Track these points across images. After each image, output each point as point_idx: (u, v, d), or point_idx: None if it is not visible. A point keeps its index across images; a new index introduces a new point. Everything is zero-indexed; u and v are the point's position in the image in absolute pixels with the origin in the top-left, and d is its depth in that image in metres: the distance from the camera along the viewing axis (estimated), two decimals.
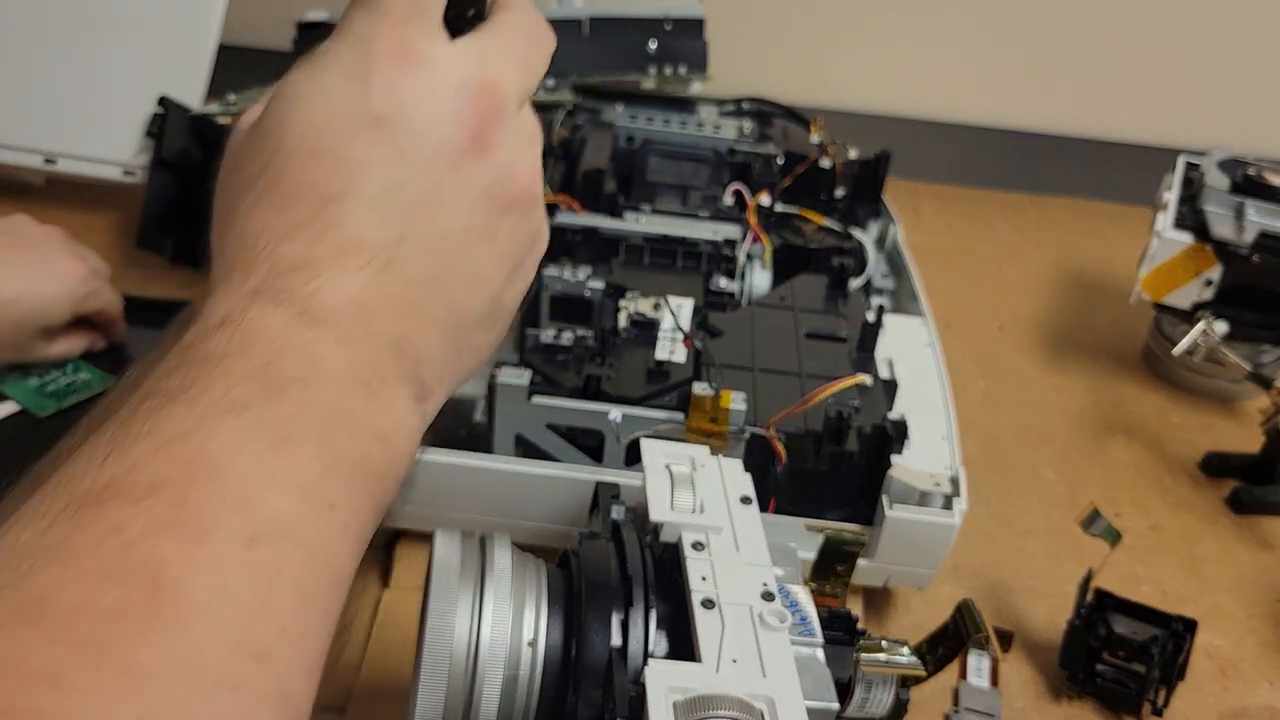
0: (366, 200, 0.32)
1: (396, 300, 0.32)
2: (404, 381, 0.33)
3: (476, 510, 0.56)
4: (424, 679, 0.36)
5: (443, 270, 0.33)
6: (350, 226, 0.32)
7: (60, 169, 0.80)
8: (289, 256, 0.32)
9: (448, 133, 0.33)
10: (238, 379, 0.29)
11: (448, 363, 0.35)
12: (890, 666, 0.41)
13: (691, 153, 0.78)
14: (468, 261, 0.34)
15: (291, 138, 0.33)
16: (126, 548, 0.25)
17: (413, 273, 0.33)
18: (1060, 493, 0.70)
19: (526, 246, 0.36)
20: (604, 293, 0.63)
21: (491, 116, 0.34)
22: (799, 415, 0.56)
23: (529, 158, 0.35)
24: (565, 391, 0.58)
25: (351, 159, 0.32)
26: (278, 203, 0.32)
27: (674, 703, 0.32)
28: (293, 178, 0.33)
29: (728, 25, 0.91)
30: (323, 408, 0.30)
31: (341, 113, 0.33)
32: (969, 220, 1.00)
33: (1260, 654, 0.60)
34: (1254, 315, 0.73)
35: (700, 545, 0.39)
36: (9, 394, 0.65)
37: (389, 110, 0.33)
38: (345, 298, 0.31)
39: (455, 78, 0.33)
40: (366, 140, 0.32)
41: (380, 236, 0.32)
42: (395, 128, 0.33)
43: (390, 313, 0.32)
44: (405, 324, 0.33)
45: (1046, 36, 1.18)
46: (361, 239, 0.32)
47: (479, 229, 0.34)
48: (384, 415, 0.32)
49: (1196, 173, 0.78)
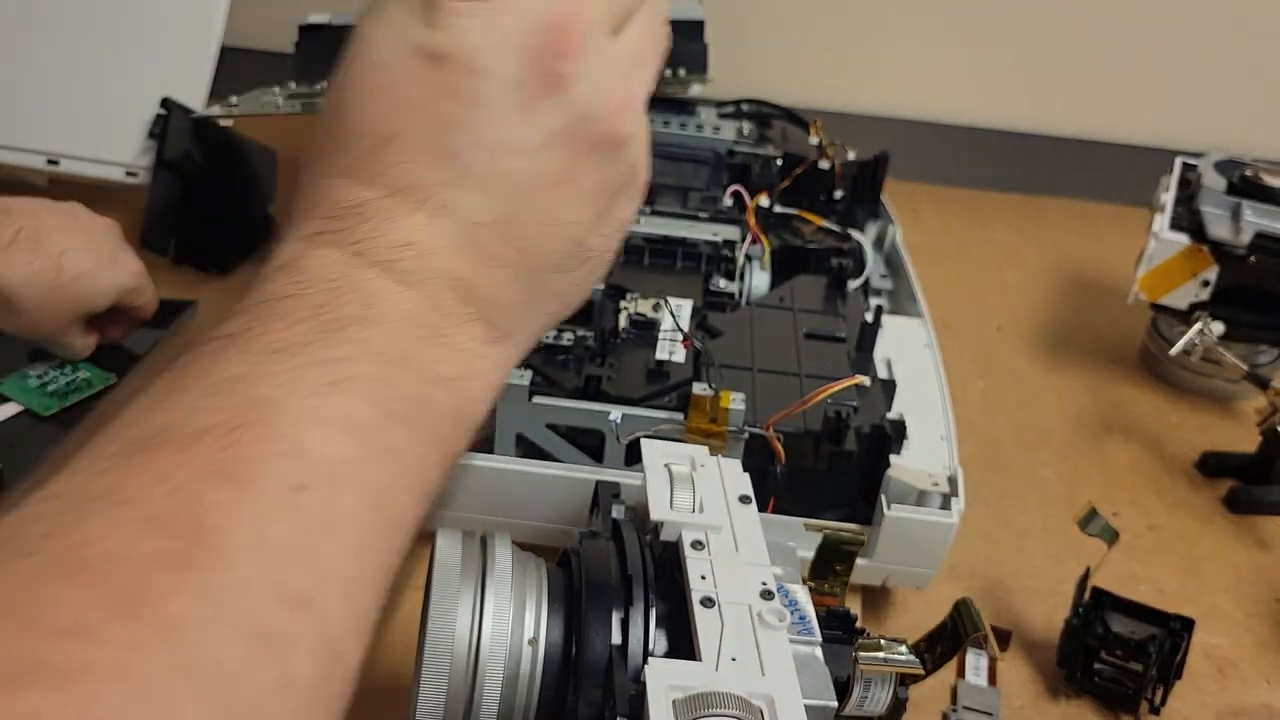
0: (420, 140, 0.31)
1: (458, 241, 0.31)
2: (470, 322, 0.32)
3: (477, 510, 0.56)
4: (425, 677, 0.37)
5: (512, 212, 0.32)
6: (405, 166, 0.31)
7: (63, 170, 0.80)
8: (345, 197, 0.31)
9: (513, 70, 0.31)
10: (293, 321, 0.29)
11: (525, 306, 0.33)
12: (889, 665, 0.41)
13: (691, 154, 0.78)
14: (541, 203, 0.32)
15: (354, 74, 0.32)
16: (171, 495, 0.25)
17: (475, 214, 0.32)
18: (1058, 492, 0.70)
19: (618, 187, 0.34)
20: (604, 293, 0.63)
21: (567, 50, 0.32)
22: (798, 415, 0.56)
23: (618, 90, 0.33)
24: (565, 391, 0.58)
25: (407, 97, 0.31)
26: (337, 142, 0.32)
27: (674, 701, 0.32)
28: (352, 116, 0.32)
29: (727, 27, 0.91)
30: (380, 348, 0.29)
31: (400, 48, 0.32)
32: (967, 221, 1.01)
33: (1258, 653, 0.60)
34: (1251, 316, 0.74)
35: (700, 544, 0.39)
36: (10, 395, 0.65)
37: (448, 46, 0.31)
38: (402, 238, 0.31)
39: (526, 10, 0.31)
40: (422, 78, 0.31)
41: (436, 177, 0.31)
42: (454, 65, 0.31)
43: (452, 253, 0.31)
44: (470, 265, 0.32)
45: (1045, 38, 1.18)
46: (417, 179, 0.31)
47: (554, 170, 0.32)
48: (449, 358, 0.31)
49: (1193, 174, 0.78)
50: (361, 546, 0.27)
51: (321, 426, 0.27)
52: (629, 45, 0.34)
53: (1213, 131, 1.04)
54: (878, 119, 1.16)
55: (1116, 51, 1.18)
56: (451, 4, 0.31)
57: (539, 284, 0.34)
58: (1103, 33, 1.18)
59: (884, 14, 1.17)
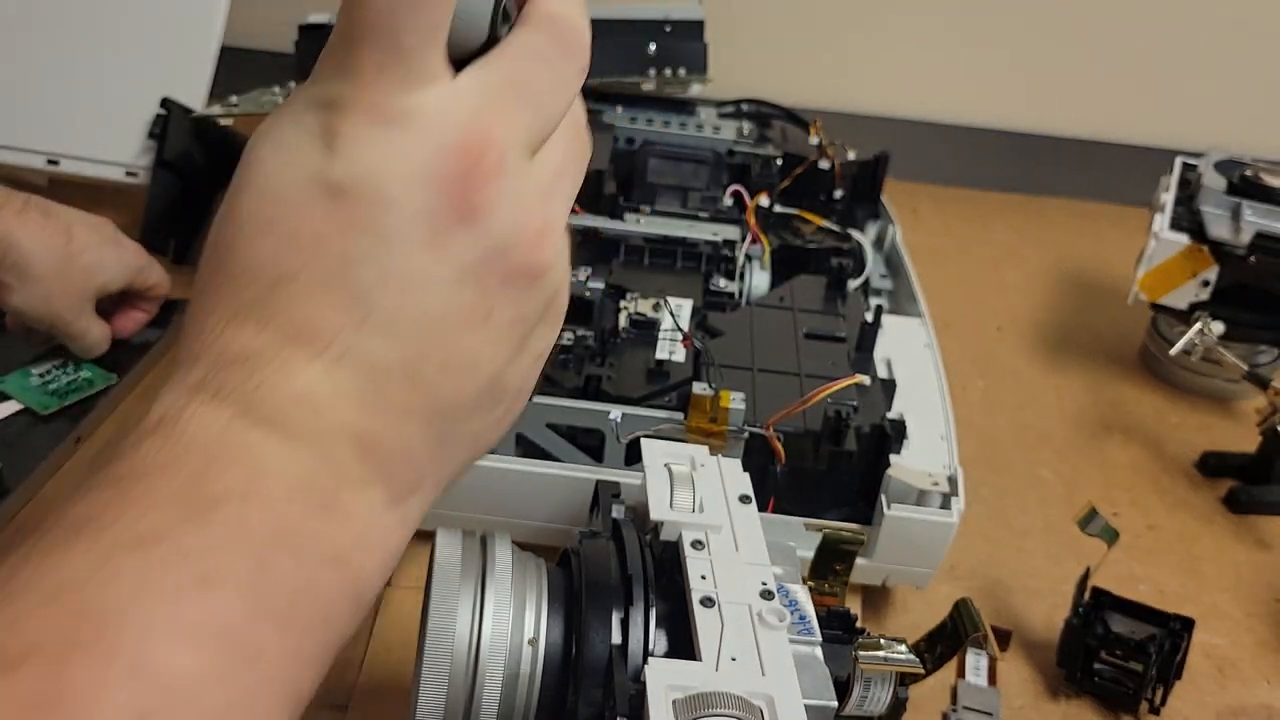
0: (319, 280, 0.28)
1: (358, 392, 0.28)
2: (370, 484, 0.29)
3: (477, 509, 0.56)
4: (425, 677, 0.37)
5: (420, 355, 0.29)
6: (301, 310, 0.28)
7: (63, 170, 0.80)
8: (233, 345, 0.28)
9: (423, 202, 0.28)
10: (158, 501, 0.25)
11: (434, 456, 0.30)
12: (889, 665, 0.41)
13: (691, 154, 0.78)
14: (452, 344, 0.29)
15: (244, 207, 0.29)
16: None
17: (380, 360, 0.28)
18: (1058, 492, 0.70)
19: (536, 317, 0.31)
20: (604, 293, 0.63)
21: (481, 176, 0.29)
22: (798, 415, 0.56)
23: (537, 215, 0.30)
24: (565, 391, 0.58)
25: (305, 233, 0.28)
26: (226, 282, 0.29)
27: (673, 701, 0.32)
28: (242, 253, 0.29)
29: (727, 27, 0.91)
30: (260, 530, 0.26)
31: (296, 178, 0.29)
32: (967, 221, 1.01)
33: (1257, 653, 0.60)
34: (1251, 315, 0.74)
35: (700, 544, 0.39)
36: (11, 393, 0.65)
37: (350, 178, 0.28)
38: (294, 392, 0.28)
39: (437, 134, 0.29)
40: (321, 211, 0.28)
41: (337, 321, 0.28)
42: (356, 198, 0.28)
43: (351, 407, 0.28)
44: (373, 418, 0.29)
45: (1045, 38, 1.18)
46: (314, 324, 0.28)
47: (467, 307, 0.29)
48: (340, 529, 0.28)
49: (1193, 174, 0.78)
50: None
51: (174, 639, 0.24)
52: (550, 162, 0.31)
53: (1213, 131, 1.04)
54: (878, 119, 1.16)
55: (1116, 51, 1.18)
56: (353, 129, 0.28)
57: (450, 430, 0.31)
58: (1103, 33, 1.18)
59: (884, 14, 1.17)
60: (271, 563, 0.26)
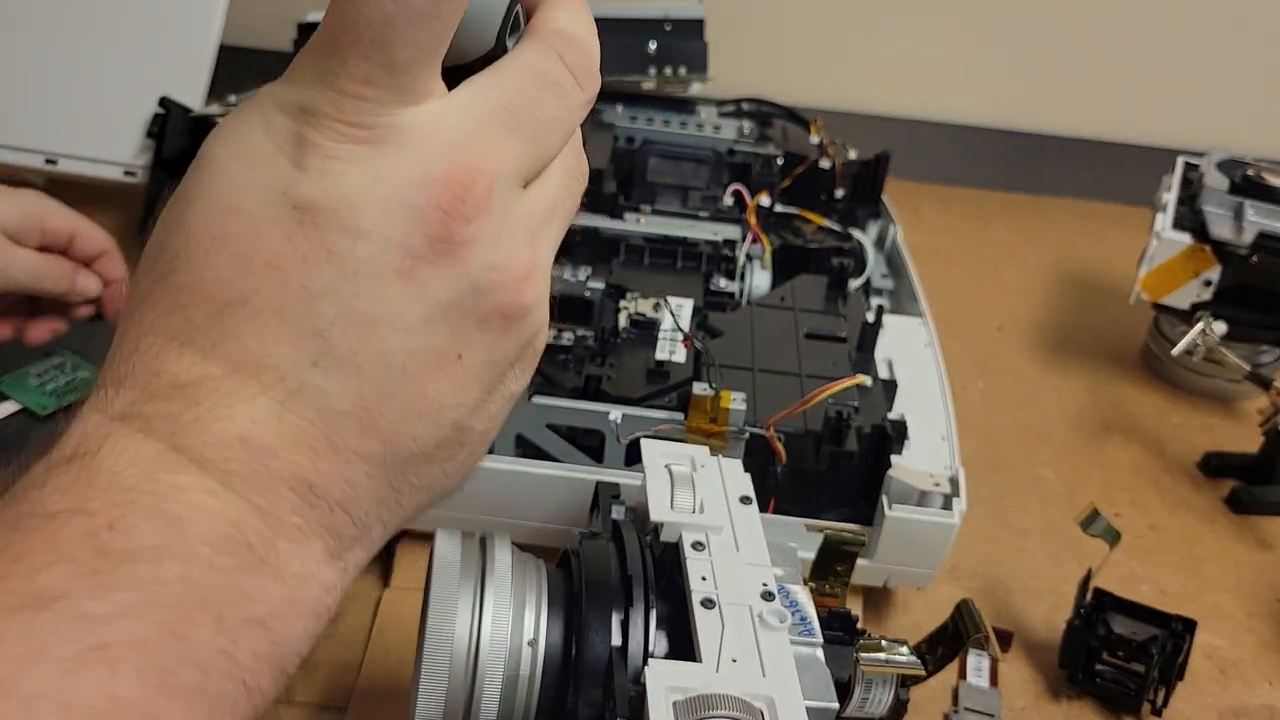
0: (275, 310, 0.25)
1: (306, 434, 0.26)
2: (310, 537, 0.26)
3: (477, 510, 0.56)
4: (424, 678, 0.37)
5: (378, 399, 0.26)
6: (251, 340, 0.25)
7: (61, 169, 0.80)
8: (171, 369, 0.25)
9: (398, 232, 0.26)
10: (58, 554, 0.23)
11: (384, 505, 0.28)
12: (890, 666, 0.41)
13: (691, 153, 0.78)
14: (416, 387, 0.27)
15: (197, 214, 0.26)
16: None
17: (333, 401, 0.26)
18: (1059, 493, 0.70)
19: (509, 362, 0.29)
20: (604, 293, 0.63)
21: (465, 209, 0.26)
22: (799, 415, 0.56)
23: (522, 256, 0.27)
24: (565, 391, 0.58)
25: (262, 254, 0.25)
26: (170, 295, 0.26)
27: (674, 702, 0.32)
28: (193, 267, 0.26)
29: (727, 26, 0.91)
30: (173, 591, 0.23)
31: (259, 192, 0.26)
32: (968, 221, 1.01)
33: (1259, 654, 0.60)
34: (1253, 315, 0.73)
35: (700, 545, 0.39)
36: (9, 393, 0.65)
37: (321, 197, 0.25)
38: (237, 431, 0.25)
39: (421, 159, 0.26)
40: (285, 232, 0.25)
41: (292, 356, 0.25)
42: (325, 221, 0.25)
43: (297, 451, 0.26)
44: (320, 464, 0.26)
45: (1046, 38, 1.18)
46: (264, 357, 0.25)
47: (436, 349, 0.27)
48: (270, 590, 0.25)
49: (1195, 173, 0.78)
50: None
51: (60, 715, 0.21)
52: (543, 198, 0.28)
53: (1214, 131, 1.03)
54: (878, 118, 1.16)
55: (1118, 51, 1.18)
56: (328, 144, 0.26)
57: (404, 478, 0.28)
58: (1104, 32, 1.17)
59: (884, 13, 1.17)
60: (184, 629, 0.23)
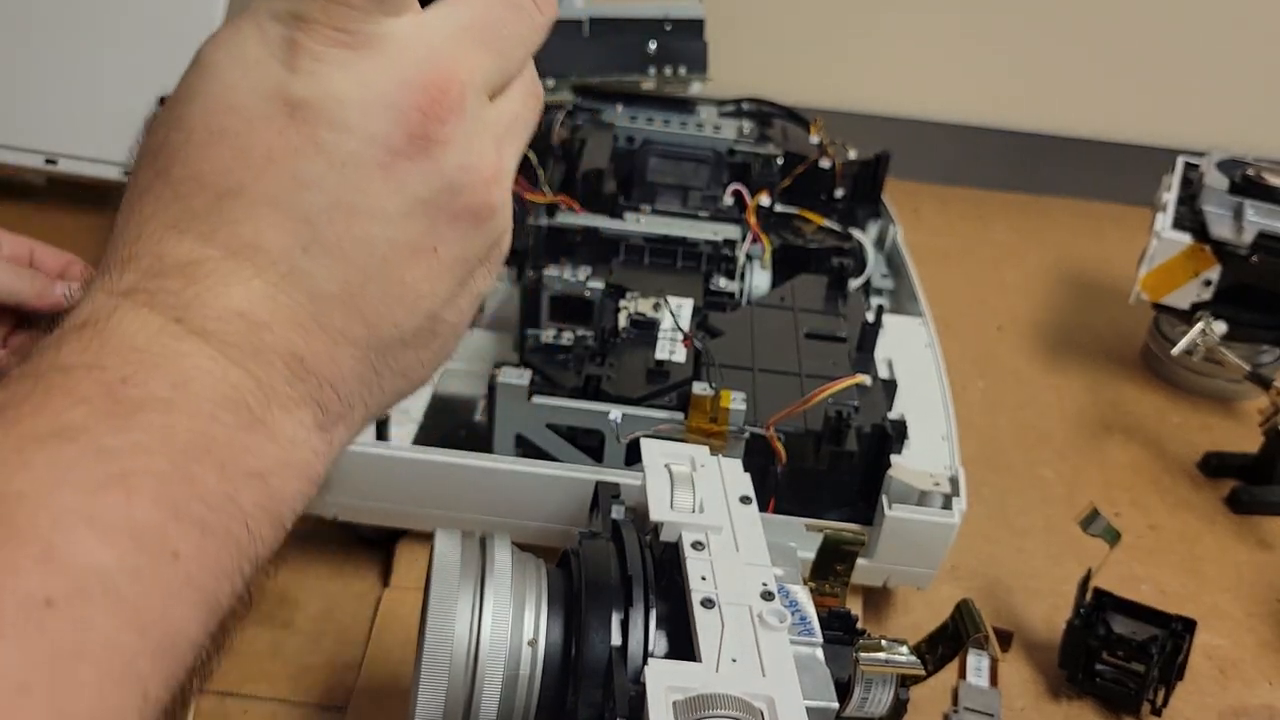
0: (269, 197, 0.28)
1: (297, 314, 0.28)
2: (300, 407, 0.29)
3: (476, 510, 0.56)
4: (424, 678, 0.37)
5: (362, 284, 0.29)
6: (247, 226, 0.28)
7: (61, 169, 0.80)
8: (173, 253, 0.28)
9: (381, 129, 0.29)
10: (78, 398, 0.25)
11: (366, 385, 0.30)
12: (890, 666, 0.41)
13: (691, 153, 0.78)
14: (395, 275, 0.30)
15: (196, 113, 0.29)
16: None
17: (321, 285, 0.29)
18: (1059, 493, 0.70)
19: (478, 258, 0.32)
20: (604, 293, 0.63)
21: (441, 112, 0.29)
22: (799, 415, 0.56)
23: (490, 158, 0.31)
24: (565, 391, 0.58)
25: (258, 148, 0.28)
26: (170, 188, 0.28)
27: (674, 702, 0.32)
28: (190, 161, 0.28)
29: (727, 26, 0.91)
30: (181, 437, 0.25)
31: (255, 92, 0.28)
32: (968, 221, 1.01)
33: (1259, 653, 0.60)
34: (1253, 315, 0.73)
35: (700, 545, 0.39)
36: None
37: (311, 95, 0.28)
38: (234, 307, 0.27)
39: (401, 64, 0.29)
40: (278, 128, 0.28)
41: (283, 241, 0.28)
42: (315, 118, 0.28)
43: (291, 327, 0.28)
44: (309, 342, 0.29)
45: (1046, 38, 1.18)
46: (259, 242, 0.28)
47: (413, 240, 0.30)
48: (265, 449, 0.28)
49: (1195, 173, 0.78)
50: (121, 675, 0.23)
51: (86, 531, 0.23)
52: (507, 109, 0.32)
53: (1214, 131, 1.03)
54: (878, 118, 1.16)
55: (1117, 51, 1.18)
56: (319, 47, 0.28)
57: (384, 361, 0.31)
58: (1104, 32, 1.17)
59: (885, 13, 1.17)
60: (192, 471, 0.25)
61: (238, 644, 0.54)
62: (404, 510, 0.57)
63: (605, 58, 0.86)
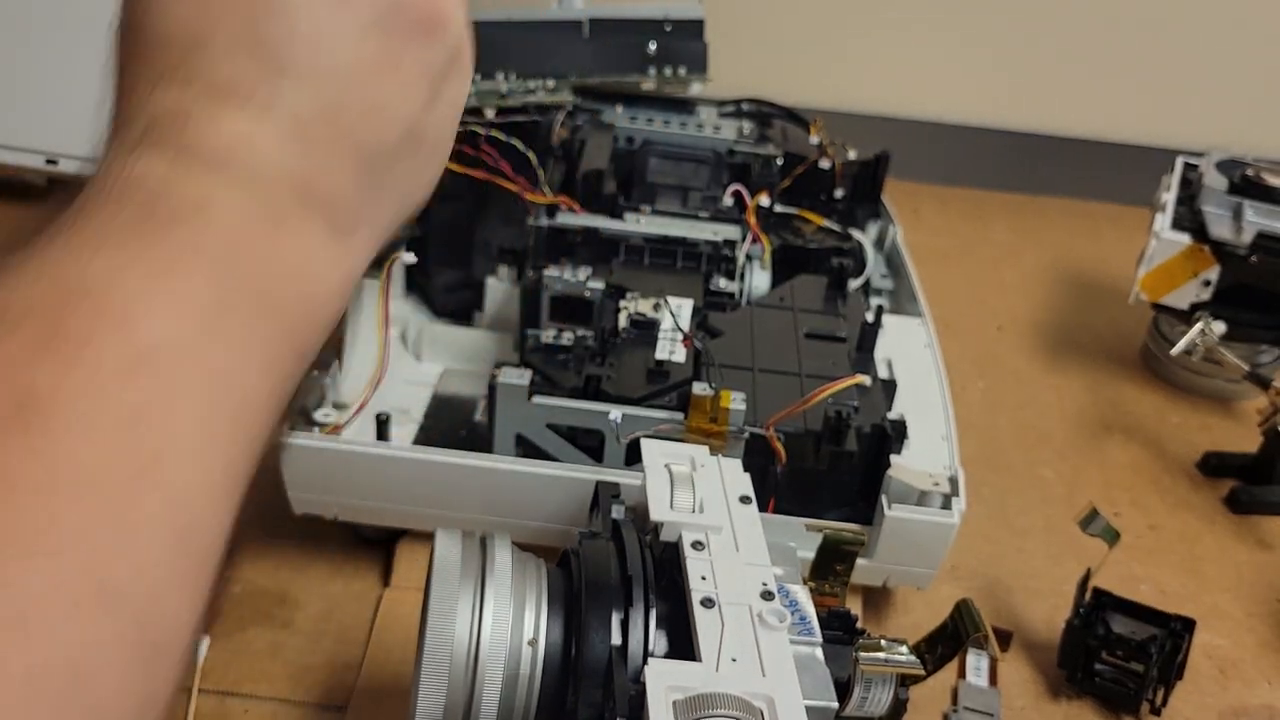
0: (233, 40, 0.30)
1: (286, 139, 0.31)
2: (311, 219, 0.31)
3: (477, 510, 0.56)
4: (424, 678, 0.37)
5: (337, 103, 0.31)
6: (220, 69, 0.30)
7: (62, 169, 0.80)
8: (162, 104, 0.30)
9: None
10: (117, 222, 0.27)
11: (367, 198, 0.33)
12: (889, 666, 0.41)
13: (691, 154, 0.78)
14: (367, 91, 0.32)
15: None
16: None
17: (300, 107, 0.31)
18: (1059, 492, 0.70)
19: (441, 70, 0.34)
20: (604, 293, 0.63)
21: None
22: (798, 415, 0.56)
23: None
24: (565, 391, 0.58)
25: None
26: (144, 52, 0.31)
27: (674, 702, 0.32)
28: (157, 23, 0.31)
29: (727, 27, 0.91)
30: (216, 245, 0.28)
31: None
32: (968, 221, 1.01)
33: (1259, 653, 0.60)
34: (1252, 315, 0.74)
35: (700, 545, 0.39)
36: None
37: None
38: (228, 138, 0.30)
39: None
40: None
41: (255, 74, 0.30)
42: None
43: (283, 150, 0.30)
44: (303, 160, 0.31)
45: (1045, 37, 1.18)
46: (234, 80, 0.30)
47: (374, 57, 0.32)
48: (291, 255, 0.30)
49: (1194, 173, 0.78)
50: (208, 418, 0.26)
51: (157, 304, 0.26)
52: None
53: (1213, 131, 1.03)
54: (878, 118, 1.16)
55: (1116, 52, 1.18)
56: None
57: (378, 174, 0.33)
58: (1103, 32, 1.18)
59: (884, 13, 1.17)
60: (233, 268, 0.28)
61: (238, 644, 0.54)
62: (404, 510, 0.57)
63: (605, 58, 0.85)
